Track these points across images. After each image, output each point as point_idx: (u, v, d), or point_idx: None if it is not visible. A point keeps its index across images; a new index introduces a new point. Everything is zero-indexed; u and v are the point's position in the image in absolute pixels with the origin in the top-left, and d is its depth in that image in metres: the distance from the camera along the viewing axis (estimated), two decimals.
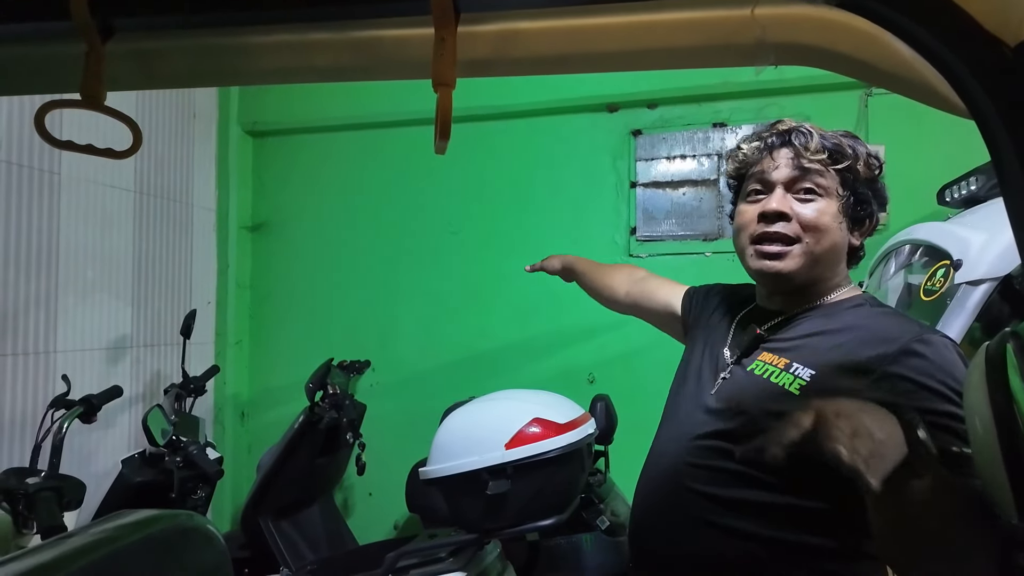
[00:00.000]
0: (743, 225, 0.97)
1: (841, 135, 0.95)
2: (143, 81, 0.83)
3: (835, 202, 0.92)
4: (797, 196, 0.93)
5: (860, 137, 0.98)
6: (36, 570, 0.44)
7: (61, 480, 1.35)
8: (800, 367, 0.87)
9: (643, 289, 1.35)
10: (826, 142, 0.93)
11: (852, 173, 0.93)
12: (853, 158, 0.93)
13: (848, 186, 0.93)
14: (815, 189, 0.92)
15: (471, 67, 0.63)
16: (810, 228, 0.91)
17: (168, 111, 2.59)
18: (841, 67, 0.67)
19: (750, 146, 0.99)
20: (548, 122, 2.65)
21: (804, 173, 0.92)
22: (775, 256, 0.92)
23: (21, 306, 1.95)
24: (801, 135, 0.94)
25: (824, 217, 0.91)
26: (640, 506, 1.02)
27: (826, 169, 0.92)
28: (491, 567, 1.57)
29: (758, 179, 0.97)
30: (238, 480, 2.78)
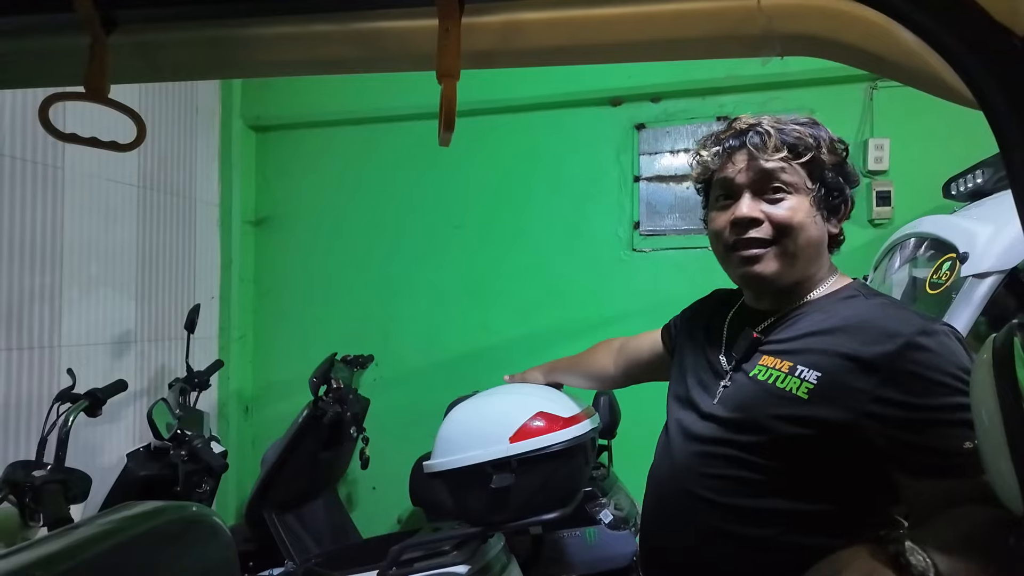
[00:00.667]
0: (717, 232, 0.96)
1: (800, 124, 0.92)
2: (146, 74, 0.83)
3: (805, 196, 0.90)
4: (766, 197, 0.90)
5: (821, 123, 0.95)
6: (45, 560, 0.44)
7: (67, 473, 1.36)
8: (805, 369, 0.85)
9: (628, 353, 1.34)
10: (785, 137, 0.90)
11: (817, 163, 0.90)
12: (815, 148, 0.90)
13: (816, 177, 0.90)
14: (782, 188, 0.90)
15: (475, 59, 0.63)
16: (783, 228, 0.89)
17: (171, 105, 2.59)
18: (848, 58, 0.66)
19: (710, 152, 0.96)
20: (551, 116, 2.65)
21: (768, 173, 0.90)
22: (753, 260, 0.91)
23: (26, 300, 1.95)
24: (757, 135, 0.91)
25: (797, 215, 0.89)
26: (649, 515, 1.01)
27: (790, 165, 0.90)
28: (495, 560, 1.58)
29: (722, 185, 0.95)
30: (242, 474, 2.79)
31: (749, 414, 0.88)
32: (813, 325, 0.89)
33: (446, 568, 1.48)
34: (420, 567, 1.49)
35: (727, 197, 0.94)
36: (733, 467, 0.88)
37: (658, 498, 0.99)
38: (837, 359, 0.83)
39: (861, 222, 2.35)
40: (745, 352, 0.94)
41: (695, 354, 1.05)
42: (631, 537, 1.94)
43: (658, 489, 1.00)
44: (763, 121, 0.93)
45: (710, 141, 0.98)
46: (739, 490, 0.87)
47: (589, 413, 1.46)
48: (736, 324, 1.00)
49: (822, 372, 0.83)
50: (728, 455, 0.89)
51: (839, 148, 0.93)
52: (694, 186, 1.05)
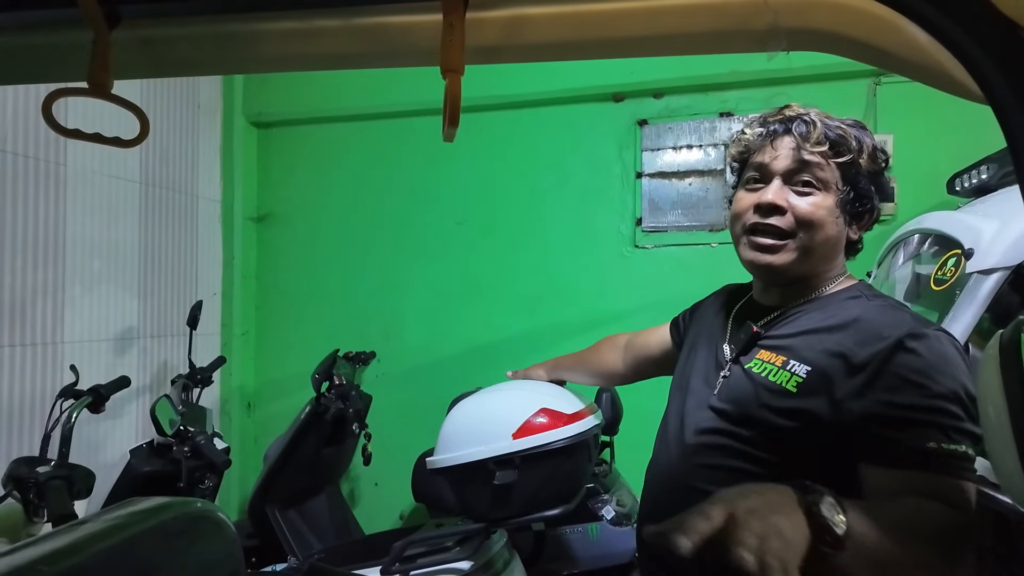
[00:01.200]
0: (739, 213, 0.96)
1: (849, 124, 0.93)
2: (149, 69, 0.83)
3: (833, 196, 0.91)
4: (795, 188, 0.91)
5: (868, 127, 0.96)
6: (51, 555, 0.44)
7: (71, 469, 1.36)
8: (796, 364, 0.87)
9: (635, 349, 1.34)
10: (829, 133, 0.90)
11: (854, 167, 0.91)
12: (856, 151, 0.90)
13: (848, 180, 0.91)
14: (813, 182, 0.90)
15: (480, 53, 0.63)
16: (804, 223, 0.90)
17: (173, 102, 2.59)
18: (854, 53, 0.66)
19: (753, 131, 0.97)
20: (554, 112, 2.64)
21: (803, 165, 0.91)
22: (768, 249, 0.92)
23: (29, 297, 1.96)
24: (804, 124, 0.91)
25: (820, 211, 0.90)
26: (647, 504, 1.02)
27: (826, 162, 0.90)
28: (498, 556, 1.58)
29: (757, 168, 0.95)
30: (245, 470, 2.80)
31: (742, 407, 0.90)
32: (812, 323, 0.91)
33: (449, 564, 1.48)
34: (423, 563, 1.49)
35: (758, 180, 0.95)
36: (729, 457, 0.89)
37: (656, 486, 1.00)
38: (828, 356, 0.85)
39: None
40: (744, 345, 0.96)
41: (699, 347, 1.07)
42: (633, 533, 1.94)
43: (656, 477, 1.01)
44: (812, 112, 0.93)
45: (756, 122, 0.98)
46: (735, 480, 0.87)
47: (592, 409, 1.46)
48: (740, 318, 1.02)
49: (812, 367, 0.85)
50: (724, 445, 0.90)
51: (880, 158, 0.93)
52: (728, 163, 1.05)
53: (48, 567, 0.44)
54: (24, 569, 0.43)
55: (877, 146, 0.93)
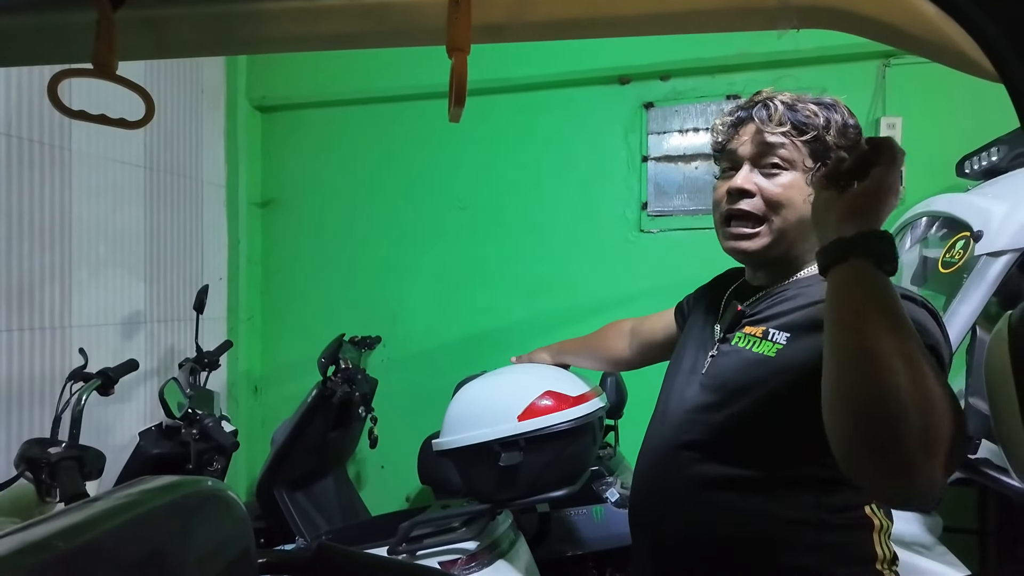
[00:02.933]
0: (716, 203, 0.99)
1: (819, 103, 0.93)
2: (153, 50, 0.83)
3: (801, 174, 0.91)
4: (763, 171, 0.93)
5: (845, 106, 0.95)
6: (67, 531, 0.45)
7: (82, 450, 1.38)
8: (776, 332, 0.89)
9: (642, 334, 1.35)
10: (792, 114, 0.91)
11: (821, 143, 0.91)
12: (822, 128, 0.90)
13: (817, 157, 0.91)
14: (779, 163, 0.92)
15: (486, 32, 0.62)
16: (773, 203, 0.91)
17: (176, 85, 2.58)
18: (865, 30, 0.65)
19: (723, 121, 0.99)
20: (558, 95, 2.62)
21: (767, 148, 0.92)
22: (743, 237, 0.94)
23: (36, 281, 1.97)
24: (764, 108, 0.93)
25: (789, 191, 0.91)
26: (637, 484, 1.03)
27: (791, 141, 0.91)
28: (503, 537, 1.60)
29: (727, 156, 0.98)
30: (252, 453, 2.83)
31: (727, 381, 0.92)
32: (795, 297, 0.92)
33: (455, 544, 1.50)
34: (429, 543, 1.51)
35: (730, 168, 0.97)
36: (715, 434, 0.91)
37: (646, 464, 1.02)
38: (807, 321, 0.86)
39: None
40: (729, 324, 0.98)
41: (694, 330, 1.09)
42: None
43: (646, 455, 1.03)
44: (777, 96, 0.94)
45: (727, 112, 1.00)
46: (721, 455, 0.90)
47: (597, 392, 1.47)
48: (731, 299, 1.04)
49: (791, 332, 0.87)
50: (710, 422, 0.92)
51: (850, 134, 0.93)
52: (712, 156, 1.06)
53: (63, 542, 0.44)
54: (40, 544, 0.44)
55: (849, 122, 0.93)
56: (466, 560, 1.48)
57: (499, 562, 1.53)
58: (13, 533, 0.44)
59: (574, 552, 1.90)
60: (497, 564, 1.52)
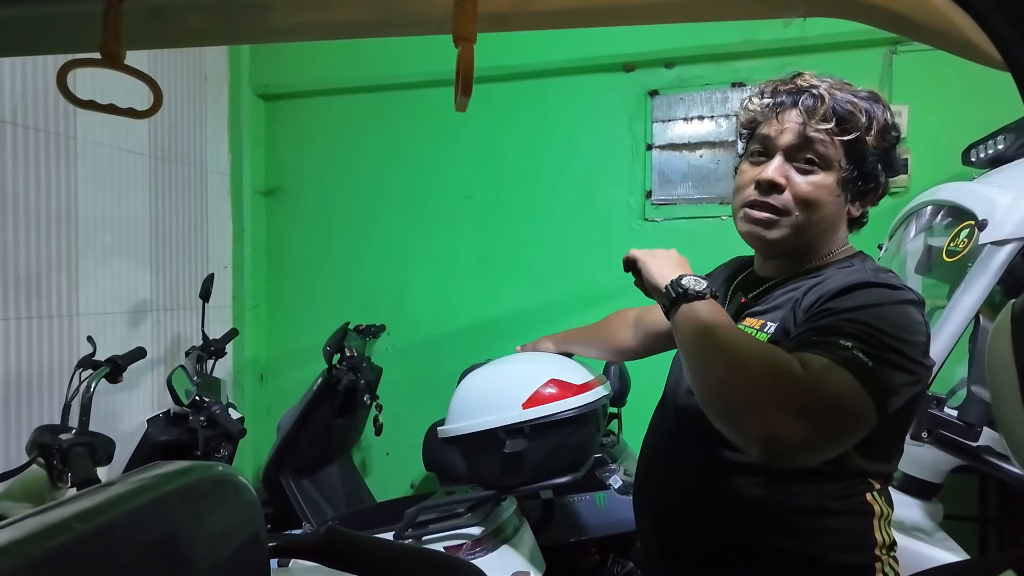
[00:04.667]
0: (740, 186, 0.96)
1: (862, 97, 0.90)
2: (160, 39, 0.83)
3: (835, 175, 0.89)
4: (796, 165, 0.89)
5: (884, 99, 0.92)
6: (84, 513, 0.46)
7: (92, 437, 1.40)
8: (770, 324, 0.89)
9: (646, 324, 1.34)
10: (837, 108, 0.87)
11: (860, 144, 0.88)
12: (864, 128, 0.87)
13: (853, 159, 0.88)
14: (816, 160, 0.88)
15: (492, 21, 0.62)
16: (802, 201, 0.89)
17: (180, 74, 2.58)
18: (872, 18, 0.65)
19: (761, 102, 0.95)
20: (562, 82, 2.61)
21: (806, 142, 0.88)
22: (763, 223, 0.91)
23: (43, 269, 1.98)
24: (811, 98, 0.88)
25: (819, 191, 0.88)
26: (642, 470, 1.04)
27: (831, 139, 0.87)
28: (507, 523, 1.61)
29: (761, 140, 0.94)
30: (258, 440, 2.85)
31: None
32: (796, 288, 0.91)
33: (460, 530, 1.52)
34: (435, 529, 1.53)
35: (762, 154, 0.93)
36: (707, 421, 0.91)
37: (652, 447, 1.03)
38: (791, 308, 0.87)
39: None
40: (733, 315, 0.96)
41: None
42: None
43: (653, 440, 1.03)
44: (822, 85, 0.90)
45: (766, 91, 0.95)
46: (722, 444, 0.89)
47: (600, 381, 1.47)
48: (738, 288, 1.03)
49: (778, 323, 0.88)
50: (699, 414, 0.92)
51: (890, 135, 0.90)
52: (737, 131, 1.03)
53: (81, 524, 0.46)
54: (58, 526, 0.45)
55: (889, 122, 0.90)
56: (471, 545, 1.50)
57: (503, 547, 1.55)
58: (34, 515, 0.45)
59: (577, 538, 1.92)
60: (501, 549, 1.54)
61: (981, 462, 1.22)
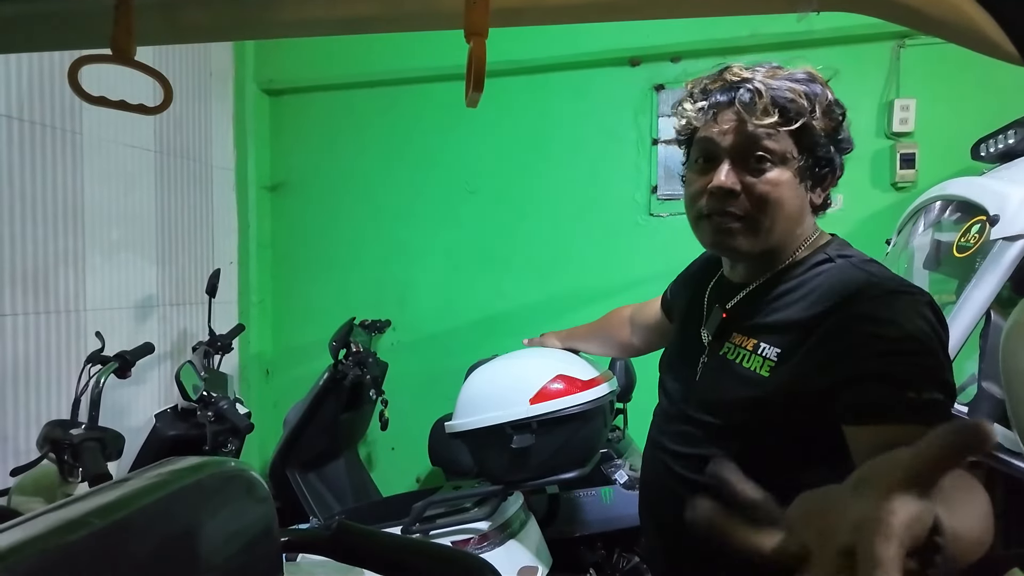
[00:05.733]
0: (692, 197, 0.89)
1: (799, 81, 0.83)
2: (169, 35, 0.83)
3: (790, 168, 0.83)
4: (748, 165, 0.83)
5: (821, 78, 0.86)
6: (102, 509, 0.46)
7: (102, 431, 1.40)
8: (767, 347, 0.82)
9: (639, 321, 1.33)
10: (777, 97, 0.81)
11: (808, 131, 0.82)
12: (809, 113, 0.81)
13: (804, 147, 0.83)
14: (767, 157, 0.82)
15: (503, 16, 0.62)
16: (763, 203, 0.82)
17: (185, 69, 2.58)
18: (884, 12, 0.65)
19: (695, 106, 0.88)
20: (568, 77, 2.60)
21: (753, 141, 0.82)
22: (728, 233, 0.85)
23: (51, 265, 1.99)
24: (748, 92, 0.82)
25: (779, 189, 0.82)
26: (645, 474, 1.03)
27: (777, 132, 0.81)
28: (514, 517, 1.62)
29: (703, 147, 0.87)
30: (264, 435, 2.86)
31: (717, 395, 0.88)
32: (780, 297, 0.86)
33: (467, 524, 1.52)
34: (442, 523, 1.54)
35: (707, 160, 0.87)
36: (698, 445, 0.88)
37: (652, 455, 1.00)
38: (793, 331, 0.81)
39: (883, 186, 2.31)
40: (717, 331, 0.92)
41: (683, 325, 1.05)
42: None
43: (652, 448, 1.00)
44: (756, 77, 0.84)
45: (697, 92, 0.88)
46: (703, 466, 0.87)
47: (607, 377, 1.48)
48: (714, 297, 0.98)
49: (781, 348, 0.81)
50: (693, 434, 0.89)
51: (836, 112, 0.85)
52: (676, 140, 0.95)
53: (98, 520, 0.46)
54: (77, 521, 0.45)
55: (832, 99, 0.84)
56: (478, 540, 1.50)
57: (510, 542, 1.55)
58: (52, 511, 0.45)
59: (583, 533, 1.93)
60: (508, 544, 1.55)
61: (991, 458, 1.22)
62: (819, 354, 0.77)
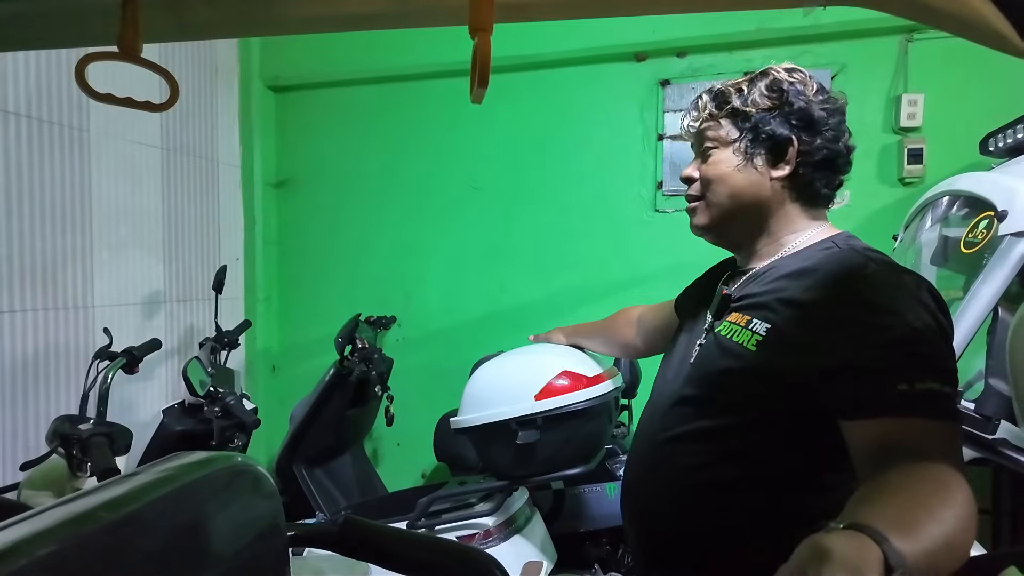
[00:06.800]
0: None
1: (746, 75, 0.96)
2: (175, 32, 0.83)
3: (728, 148, 0.94)
4: (703, 157, 0.98)
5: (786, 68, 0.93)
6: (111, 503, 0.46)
7: (110, 427, 1.41)
8: (758, 322, 0.86)
9: (646, 323, 1.34)
10: (712, 94, 0.96)
11: (740, 111, 0.93)
12: (737, 96, 0.93)
13: (739, 126, 0.93)
14: (711, 145, 0.96)
15: (508, 11, 0.62)
16: (706, 181, 0.96)
17: (191, 66, 2.58)
18: (892, 6, 0.64)
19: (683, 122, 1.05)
20: (573, 72, 2.59)
21: (700, 134, 0.98)
22: (691, 213, 1.00)
23: (59, 261, 2.00)
24: (694, 106, 0.99)
25: (717, 167, 0.95)
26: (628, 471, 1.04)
27: (715, 121, 0.95)
28: (519, 513, 1.62)
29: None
30: (270, 430, 2.88)
31: (704, 369, 0.92)
32: (779, 279, 0.89)
33: (472, 520, 1.53)
34: (447, 518, 1.54)
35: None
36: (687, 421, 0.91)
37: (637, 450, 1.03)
38: (784, 308, 0.84)
39: (891, 181, 2.29)
40: (717, 310, 0.97)
41: (689, 318, 1.08)
42: None
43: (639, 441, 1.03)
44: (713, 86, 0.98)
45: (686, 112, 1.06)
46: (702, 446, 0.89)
47: (612, 373, 1.48)
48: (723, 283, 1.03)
49: (771, 324, 0.84)
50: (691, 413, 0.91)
51: (774, 89, 0.92)
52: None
53: (108, 514, 0.46)
54: (86, 515, 0.46)
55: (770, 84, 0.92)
56: (483, 535, 1.51)
57: (515, 537, 1.56)
58: (61, 504, 0.46)
59: (588, 528, 1.93)
60: (514, 539, 1.55)
61: (998, 455, 1.21)
62: (808, 336, 0.80)
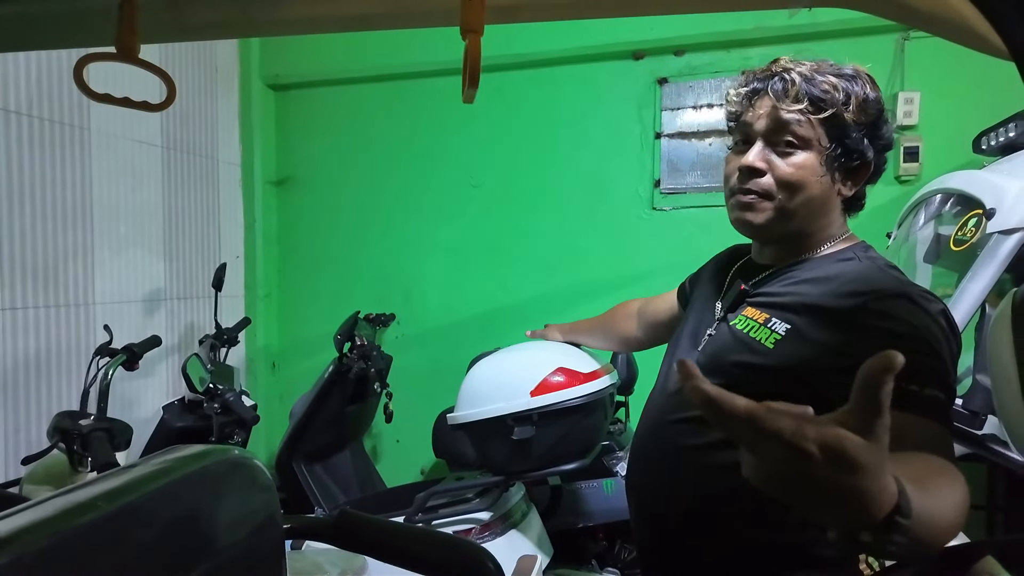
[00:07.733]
0: (727, 176, 0.96)
1: (839, 75, 0.88)
2: (173, 33, 0.84)
3: (816, 154, 0.88)
4: (777, 149, 0.89)
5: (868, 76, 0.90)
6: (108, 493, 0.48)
7: (111, 422, 1.43)
8: (778, 322, 0.86)
9: (647, 315, 1.34)
10: (811, 88, 0.86)
11: (839, 121, 0.87)
12: (840, 105, 0.86)
13: (833, 136, 0.87)
14: (794, 141, 0.88)
15: (500, 12, 0.63)
16: (784, 184, 0.88)
17: (190, 65, 2.59)
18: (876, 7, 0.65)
19: (737, 92, 0.95)
20: (571, 71, 2.60)
21: (782, 125, 0.88)
22: (747, 207, 0.92)
23: (60, 259, 2.02)
24: (781, 81, 0.88)
25: (801, 171, 0.88)
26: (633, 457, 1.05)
27: (807, 119, 0.87)
28: (516, 508, 1.64)
29: (741, 130, 0.94)
30: (270, 426, 2.90)
31: (717, 360, 0.91)
32: (800, 282, 0.89)
33: (469, 515, 1.54)
34: (444, 513, 1.56)
35: (744, 142, 0.93)
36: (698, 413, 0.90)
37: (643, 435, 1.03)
38: (806, 312, 0.84)
39: (887, 179, 2.30)
40: (732, 303, 0.96)
41: (695, 306, 1.08)
42: None
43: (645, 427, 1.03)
44: (795, 68, 0.89)
45: (742, 81, 0.95)
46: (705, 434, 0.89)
47: (608, 370, 1.49)
48: (736, 277, 1.02)
49: (791, 325, 0.85)
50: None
51: (872, 109, 0.88)
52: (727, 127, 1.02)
53: (105, 503, 0.47)
54: (84, 505, 0.47)
55: (870, 96, 0.88)
56: (480, 529, 1.52)
57: (512, 532, 1.57)
58: (59, 495, 0.47)
59: (585, 524, 1.94)
60: (510, 534, 1.56)
61: (984, 449, 1.23)
62: (828, 337, 0.80)
